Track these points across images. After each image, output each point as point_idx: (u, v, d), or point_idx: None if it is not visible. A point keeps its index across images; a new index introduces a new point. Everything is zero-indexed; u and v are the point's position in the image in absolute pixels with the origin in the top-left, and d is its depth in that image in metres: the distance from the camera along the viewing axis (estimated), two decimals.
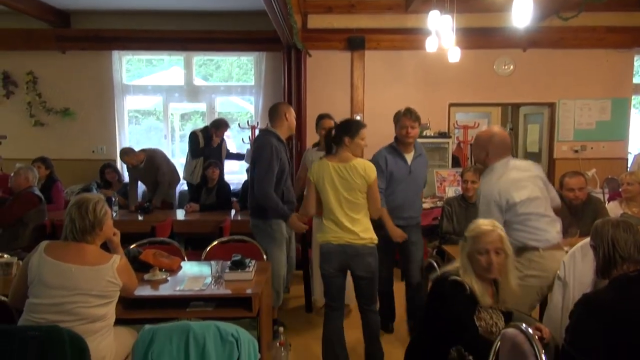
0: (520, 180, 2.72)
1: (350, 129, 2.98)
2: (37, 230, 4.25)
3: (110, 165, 5.72)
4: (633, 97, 6.90)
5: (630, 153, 6.84)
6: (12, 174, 4.36)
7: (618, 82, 6.63)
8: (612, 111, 6.67)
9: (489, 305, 2.14)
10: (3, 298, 2.40)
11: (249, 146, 6.32)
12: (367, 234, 2.94)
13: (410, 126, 3.54)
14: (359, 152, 3.02)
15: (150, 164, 5.39)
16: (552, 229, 2.72)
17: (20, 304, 2.24)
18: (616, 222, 1.96)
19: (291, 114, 3.70)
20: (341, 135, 2.96)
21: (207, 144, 5.87)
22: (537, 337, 1.75)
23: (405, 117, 3.56)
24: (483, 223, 2.22)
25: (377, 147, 3.72)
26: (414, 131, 3.56)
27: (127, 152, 5.38)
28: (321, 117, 4.26)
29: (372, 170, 2.94)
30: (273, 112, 3.68)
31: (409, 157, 3.62)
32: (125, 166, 5.91)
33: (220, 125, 5.93)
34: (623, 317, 1.75)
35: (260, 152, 3.53)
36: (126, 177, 6.36)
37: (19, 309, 2.28)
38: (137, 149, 5.68)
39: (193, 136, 5.90)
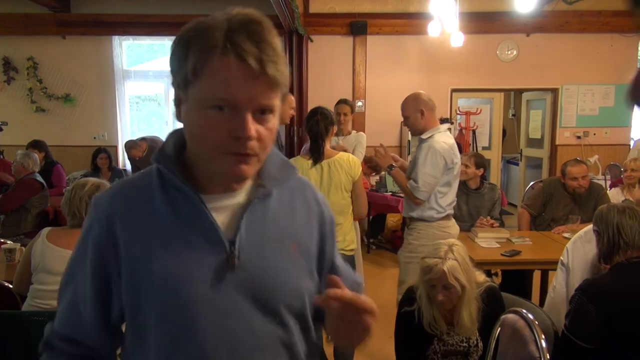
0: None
1: (329, 116, 2.70)
2: (40, 216, 4.26)
3: (105, 151, 5.64)
4: None
5: (633, 139, 6.81)
6: (12, 163, 4.36)
7: (622, 67, 6.58)
8: (616, 97, 6.63)
9: (444, 330, 1.98)
10: (7, 284, 2.42)
11: None
12: (345, 243, 2.62)
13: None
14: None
15: (152, 153, 5.39)
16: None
17: (24, 290, 2.26)
18: (622, 208, 1.96)
19: (285, 103, 3.65)
20: (326, 125, 2.64)
21: None
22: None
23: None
24: (432, 253, 1.92)
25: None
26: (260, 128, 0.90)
27: (133, 146, 5.37)
28: (337, 102, 4.30)
29: (357, 165, 2.65)
30: None
31: (227, 203, 0.89)
32: (126, 154, 5.91)
33: None
34: (623, 302, 1.76)
35: None
36: (121, 165, 6.42)
37: (23, 294, 2.30)
38: (138, 136, 5.67)
39: None
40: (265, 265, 0.86)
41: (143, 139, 5.50)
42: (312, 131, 2.63)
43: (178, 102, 0.83)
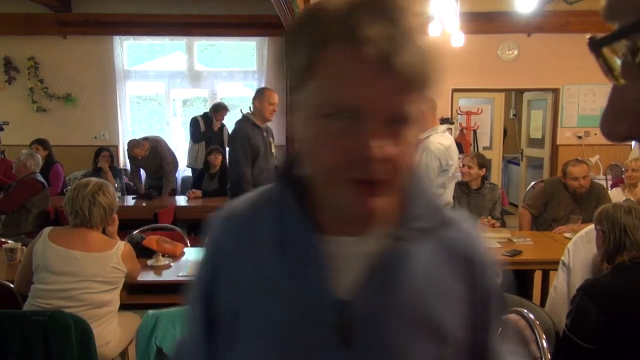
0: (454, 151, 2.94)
1: None
2: (41, 216, 4.26)
3: (108, 150, 5.68)
4: None
5: None
6: (14, 160, 4.36)
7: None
8: None
9: None
10: (8, 284, 2.42)
11: None
12: None
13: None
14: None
15: (154, 153, 5.40)
16: None
17: (26, 290, 2.26)
18: (628, 209, 1.97)
19: (262, 100, 3.74)
20: None
21: (207, 128, 5.92)
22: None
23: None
24: None
25: None
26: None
27: (136, 145, 5.38)
28: None
29: None
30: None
31: None
32: (126, 154, 5.91)
33: (219, 108, 5.98)
34: (625, 303, 1.76)
35: (233, 137, 3.80)
36: (122, 165, 6.43)
37: (24, 294, 2.30)
38: (139, 135, 5.67)
39: (193, 121, 5.98)
40: (385, 347, 0.62)
41: (145, 139, 5.50)
42: None
43: (291, 109, 0.64)
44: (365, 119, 0.55)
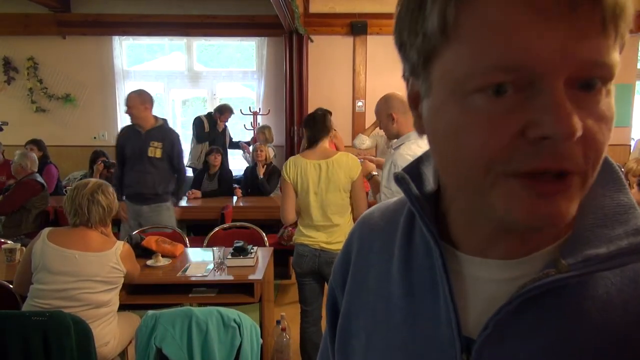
0: None
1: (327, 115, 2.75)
2: (41, 216, 4.26)
3: (102, 153, 5.67)
4: (637, 83, 6.85)
5: (633, 139, 6.81)
6: (12, 162, 4.36)
7: (622, 67, 6.38)
8: (616, 97, 6.57)
9: None
10: (7, 284, 2.42)
11: (251, 134, 6.33)
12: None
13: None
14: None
15: None
16: None
17: (25, 290, 2.26)
18: None
19: (128, 102, 3.73)
20: (326, 116, 2.71)
21: (212, 129, 5.92)
22: None
23: None
24: None
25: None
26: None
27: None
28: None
29: (356, 166, 2.60)
30: None
31: None
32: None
33: (224, 110, 5.98)
34: None
35: None
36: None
37: (23, 294, 2.30)
38: None
39: (198, 121, 5.97)
40: None
41: None
42: (315, 117, 2.70)
43: (415, 101, 0.48)
44: (548, 80, 0.37)
